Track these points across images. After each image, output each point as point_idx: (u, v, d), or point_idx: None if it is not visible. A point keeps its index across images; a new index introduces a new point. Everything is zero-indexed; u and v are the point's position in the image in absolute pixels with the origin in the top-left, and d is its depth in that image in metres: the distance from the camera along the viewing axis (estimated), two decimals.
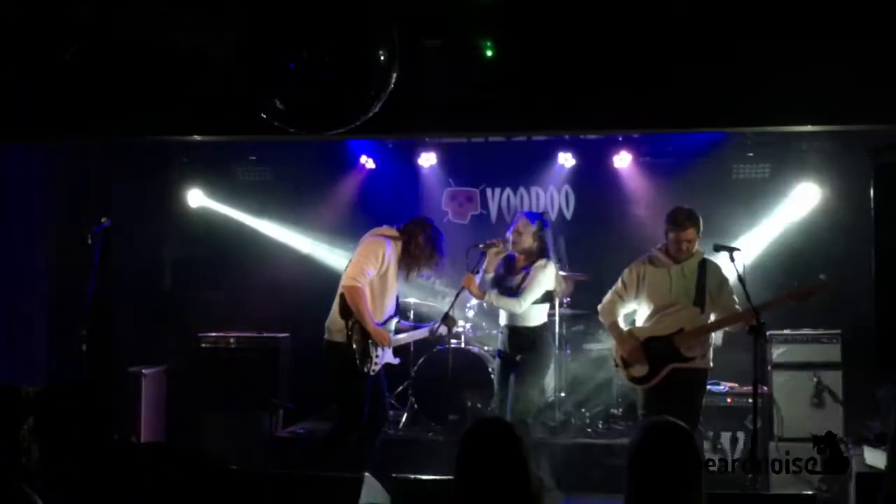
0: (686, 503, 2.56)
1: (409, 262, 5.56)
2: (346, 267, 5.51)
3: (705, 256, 5.39)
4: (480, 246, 5.69)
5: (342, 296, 5.41)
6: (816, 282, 5.23)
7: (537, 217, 5.79)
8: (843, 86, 5.21)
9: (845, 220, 7.18)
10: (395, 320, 5.68)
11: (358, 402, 5.44)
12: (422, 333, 5.86)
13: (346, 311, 5.39)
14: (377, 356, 5.51)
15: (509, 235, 5.70)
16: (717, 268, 5.38)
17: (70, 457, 2.91)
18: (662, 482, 2.54)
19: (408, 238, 5.56)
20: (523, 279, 5.60)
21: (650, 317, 5.40)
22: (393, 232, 5.58)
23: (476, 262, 5.65)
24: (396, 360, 5.79)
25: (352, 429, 5.46)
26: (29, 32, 5.45)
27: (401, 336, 5.78)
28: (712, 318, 5.31)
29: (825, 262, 7.10)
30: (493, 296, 5.64)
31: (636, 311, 5.55)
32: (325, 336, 5.51)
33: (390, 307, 5.61)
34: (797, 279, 5.51)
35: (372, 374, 5.50)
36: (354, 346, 5.37)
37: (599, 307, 5.58)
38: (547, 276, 5.59)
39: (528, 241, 5.63)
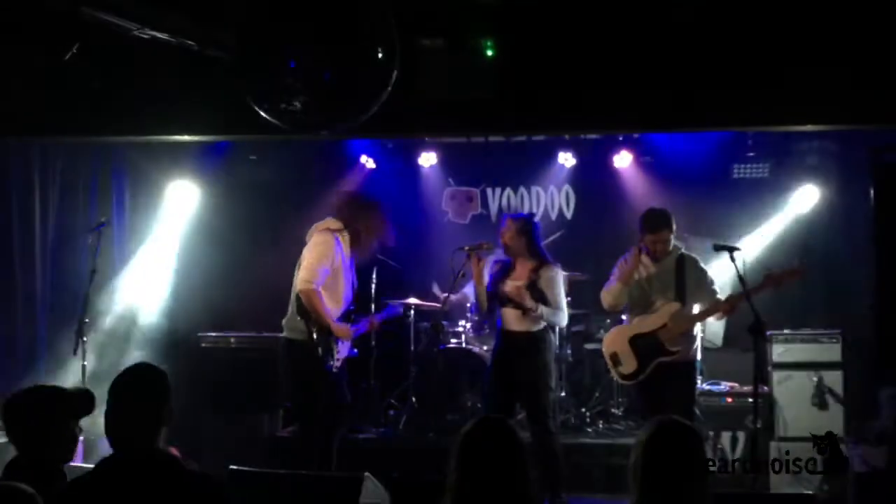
0: (696, 500, 2.55)
1: (361, 249, 5.56)
2: (298, 267, 5.50)
3: (682, 252, 5.46)
4: (465, 248, 5.70)
5: (298, 297, 5.42)
6: (791, 267, 5.27)
7: (519, 216, 5.83)
8: (843, 86, 5.21)
9: (845, 220, 7.18)
10: (351, 312, 5.69)
11: (315, 400, 5.45)
12: (366, 326, 5.87)
13: (303, 311, 5.40)
14: (338, 352, 5.54)
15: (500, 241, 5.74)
16: (694, 261, 5.48)
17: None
18: (671, 481, 2.53)
19: (354, 228, 5.54)
20: (531, 285, 5.61)
21: (635, 315, 5.52)
22: (337, 224, 5.56)
23: (461, 265, 5.64)
24: (354, 353, 5.80)
25: (312, 423, 5.47)
26: (28, 32, 5.45)
27: (357, 326, 5.79)
28: (695, 309, 5.40)
29: (826, 261, 7.11)
30: (545, 310, 5.60)
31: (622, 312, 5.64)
32: (285, 334, 5.54)
33: (347, 299, 5.62)
34: (803, 281, 5.53)
35: (335, 370, 5.51)
36: (318, 345, 5.38)
37: (602, 292, 5.58)
38: (561, 279, 5.68)
39: (514, 243, 5.65)
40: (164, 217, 7.80)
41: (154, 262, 7.71)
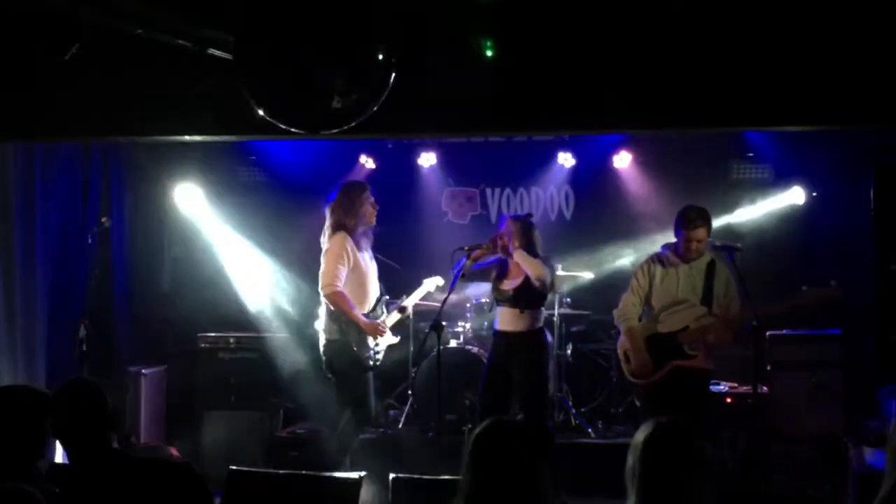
0: (695, 501, 2.53)
1: (351, 232, 5.63)
2: (320, 273, 5.58)
3: (714, 258, 5.41)
4: (465, 248, 5.72)
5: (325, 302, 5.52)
6: (828, 289, 5.19)
7: (518, 217, 5.86)
8: (844, 86, 5.21)
9: (845, 221, 7.17)
10: (383, 300, 5.79)
11: (367, 396, 5.56)
12: (398, 311, 6.00)
13: (334, 314, 5.51)
14: (376, 344, 5.62)
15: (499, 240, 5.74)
16: (724, 269, 5.39)
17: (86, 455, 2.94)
18: (670, 483, 2.51)
19: (353, 222, 5.65)
20: (527, 283, 5.62)
21: (656, 314, 5.44)
22: (329, 223, 5.68)
23: (461, 265, 5.66)
24: (397, 339, 5.85)
25: (364, 423, 5.55)
26: (28, 31, 5.44)
27: (391, 317, 5.89)
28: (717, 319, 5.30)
29: (825, 262, 7.11)
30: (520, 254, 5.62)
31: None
32: (322, 336, 5.63)
33: (374, 291, 5.69)
34: (805, 282, 5.50)
35: (376, 363, 5.63)
36: (353, 343, 5.51)
37: (616, 311, 5.56)
38: (544, 266, 5.65)
39: (513, 243, 5.66)
40: (168, 217, 7.82)
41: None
